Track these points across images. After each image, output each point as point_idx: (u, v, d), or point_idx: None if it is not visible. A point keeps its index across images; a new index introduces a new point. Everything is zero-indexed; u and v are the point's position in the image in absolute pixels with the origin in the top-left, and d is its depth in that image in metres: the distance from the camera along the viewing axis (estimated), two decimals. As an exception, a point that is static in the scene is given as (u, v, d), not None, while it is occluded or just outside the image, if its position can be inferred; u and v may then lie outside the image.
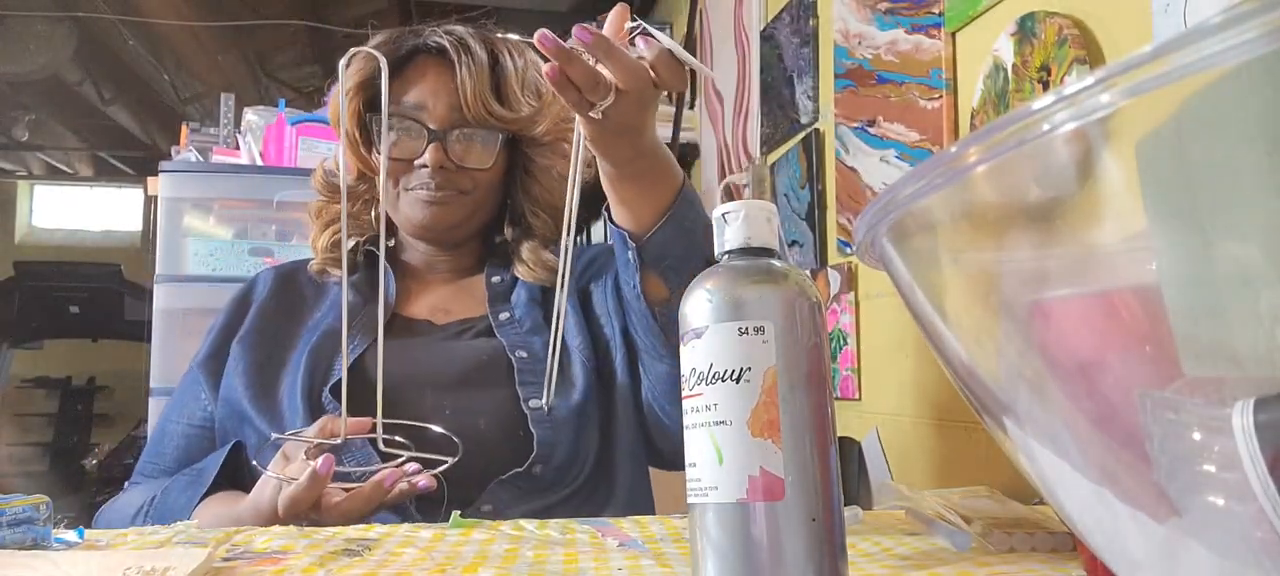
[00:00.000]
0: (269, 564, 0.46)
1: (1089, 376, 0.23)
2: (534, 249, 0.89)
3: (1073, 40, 0.82)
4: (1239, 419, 0.19)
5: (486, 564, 0.47)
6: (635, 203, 0.71)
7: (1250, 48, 0.16)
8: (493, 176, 0.86)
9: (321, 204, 0.92)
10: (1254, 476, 0.19)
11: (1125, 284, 0.22)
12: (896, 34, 1.19)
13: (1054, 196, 0.22)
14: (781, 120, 1.60)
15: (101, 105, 4.35)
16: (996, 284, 0.26)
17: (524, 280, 0.88)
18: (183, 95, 4.14)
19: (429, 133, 0.81)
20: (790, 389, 0.36)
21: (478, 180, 0.85)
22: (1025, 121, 0.20)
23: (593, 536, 0.56)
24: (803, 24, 1.51)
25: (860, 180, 1.28)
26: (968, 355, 0.27)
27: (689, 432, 0.38)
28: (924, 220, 0.26)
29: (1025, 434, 0.26)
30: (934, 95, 1.09)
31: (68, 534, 0.52)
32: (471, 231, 0.90)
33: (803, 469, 0.36)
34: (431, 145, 0.81)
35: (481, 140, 0.84)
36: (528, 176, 0.90)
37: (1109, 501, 0.23)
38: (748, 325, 0.37)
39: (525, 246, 0.89)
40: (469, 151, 0.84)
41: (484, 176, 0.85)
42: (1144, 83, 0.17)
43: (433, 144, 0.81)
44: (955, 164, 0.23)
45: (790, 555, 0.35)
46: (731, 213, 0.39)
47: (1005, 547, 0.50)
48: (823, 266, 1.41)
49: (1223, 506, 0.20)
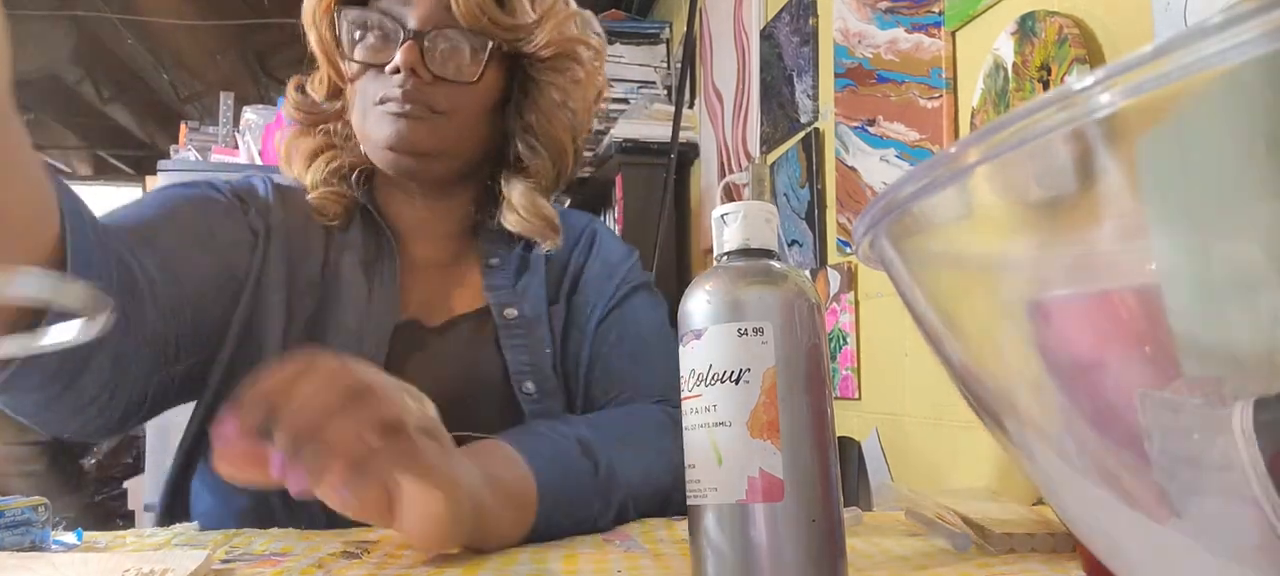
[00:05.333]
0: (268, 565, 0.46)
1: (1089, 376, 0.23)
2: (528, 194, 0.76)
3: (1073, 39, 0.82)
4: (1239, 419, 0.19)
5: (486, 564, 0.47)
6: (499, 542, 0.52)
7: (1250, 47, 0.16)
8: (478, 99, 0.72)
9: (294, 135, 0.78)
10: (1254, 477, 0.19)
11: (1125, 284, 0.22)
12: (896, 33, 1.19)
13: (1054, 196, 0.22)
14: (781, 119, 1.60)
15: (100, 104, 4.35)
16: (996, 284, 0.26)
17: (512, 231, 0.76)
18: (182, 94, 4.15)
19: (405, 32, 0.68)
20: (789, 390, 0.36)
21: (458, 101, 0.70)
22: (1025, 121, 0.20)
23: (593, 537, 0.56)
24: (802, 23, 1.51)
25: (860, 179, 1.28)
26: (967, 355, 0.27)
27: (688, 434, 0.38)
28: (924, 220, 0.26)
29: (1025, 434, 0.26)
30: (934, 94, 1.09)
31: (66, 535, 0.52)
32: (452, 169, 0.75)
33: (802, 470, 0.36)
34: (405, 44, 0.67)
35: (467, 48, 0.70)
36: (525, 99, 0.75)
37: (1109, 502, 0.23)
38: (747, 326, 0.37)
39: (517, 189, 0.76)
40: (450, 60, 0.69)
41: (466, 97, 0.70)
42: (1144, 82, 0.17)
43: (407, 43, 0.67)
44: (955, 164, 0.23)
45: (790, 556, 0.35)
46: (731, 214, 0.39)
47: (1005, 548, 0.50)
48: (822, 266, 1.41)
49: (1222, 507, 0.20)
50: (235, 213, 0.71)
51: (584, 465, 0.57)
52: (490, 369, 0.72)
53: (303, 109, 0.78)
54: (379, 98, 0.69)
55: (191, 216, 0.68)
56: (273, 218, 0.73)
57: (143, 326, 0.59)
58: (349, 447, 0.41)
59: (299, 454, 0.40)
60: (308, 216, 0.74)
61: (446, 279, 0.77)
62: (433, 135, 0.70)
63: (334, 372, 0.42)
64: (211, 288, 0.66)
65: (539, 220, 0.75)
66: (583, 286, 0.79)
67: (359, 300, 0.71)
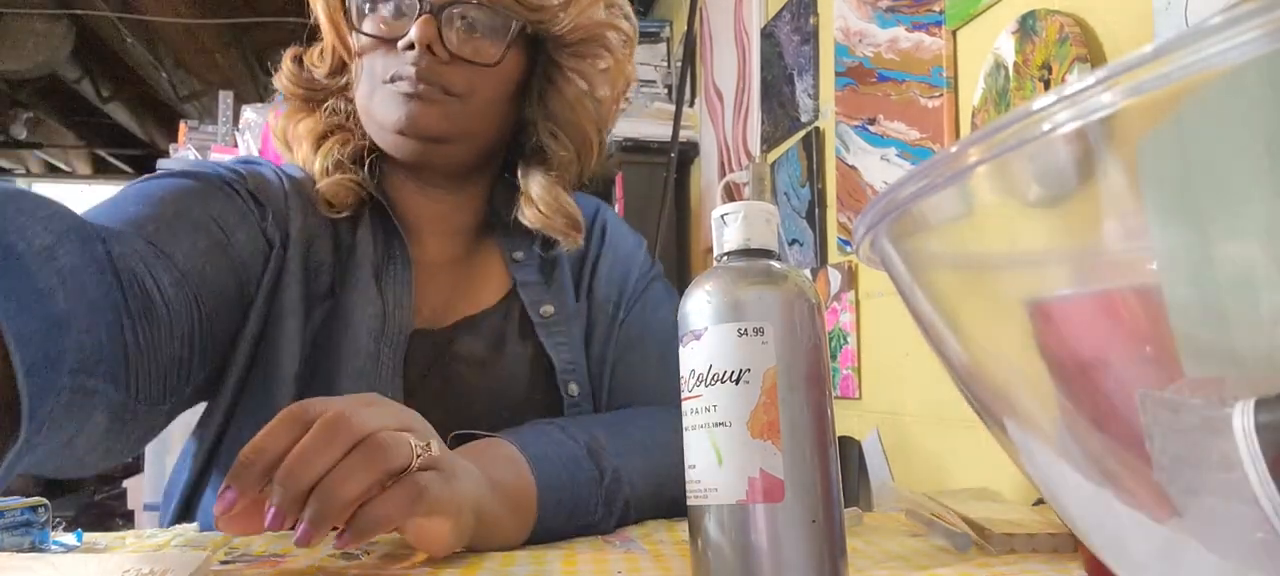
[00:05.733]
0: (268, 565, 0.46)
1: (1089, 376, 0.23)
2: (550, 189, 0.71)
3: (1074, 38, 0.82)
4: (1239, 419, 0.19)
5: (486, 564, 0.47)
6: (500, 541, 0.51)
7: (1251, 48, 0.16)
8: (497, 83, 0.67)
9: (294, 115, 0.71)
10: (1254, 477, 0.19)
11: (1126, 284, 0.22)
12: (897, 32, 1.18)
13: (1054, 196, 0.22)
14: (782, 118, 1.60)
15: (100, 103, 4.35)
16: (996, 284, 0.26)
17: (531, 226, 0.71)
18: (181, 93, 4.15)
19: (422, 6, 0.63)
20: (790, 390, 0.36)
21: (475, 83, 0.65)
22: (1026, 121, 0.20)
23: (593, 537, 0.55)
24: (803, 22, 1.51)
25: (861, 178, 1.28)
26: (968, 355, 0.27)
27: (689, 434, 0.38)
28: (924, 220, 0.26)
29: (1025, 434, 0.26)
30: (935, 93, 1.09)
31: (66, 536, 0.52)
32: (465, 156, 0.70)
33: (803, 470, 0.36)
34: (421, 18, 0.62)
35: (489, 28, 0.65)
36: (548, 86, 0.70)
37: (1109, 502, 0.23)
38: (747, 326, 0.37)
39: (537, 181, 0.71)
40: (469, 38, 0.64)
41: (484, 80, 0.65)
42: (1145, 82, 0.17)
43: (423, 17, 0.62)
44: (955, 164, 0.23)
45: (790, 557, 0.35)
46: (731, 214, 0.39)
47: (1005, 548, 0.50)
48: (823, 265, 1.41)
49: (1223, 507, 0.20)
50: (251, 219, 0.65)
51: (589, 471, 0.56)
52: (519, 370, 0.69)
53: (301, 84, 0.71)
54: (389, 75, 0.64)
55: (208, 221, 0.61)
56: (291, 225, 0.67)
57: (158, 353, 0.53)
58: (350, 504, 0.40)
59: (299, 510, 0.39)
60: (319, 218, 0.69)
61: (460, 276, 0.73)
62: (446, 119, 0.65)
63: (334, 426, 0.41)
64: (224, 305, 0.61)
65: (561, 217, 0.70)
66: (597, 280, 0.76)
67: (373, 314, 0.66)
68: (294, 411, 0.42)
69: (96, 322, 0.46)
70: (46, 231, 0.45)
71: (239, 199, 0.65)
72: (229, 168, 0.68)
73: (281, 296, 0.65)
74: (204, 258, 0.59)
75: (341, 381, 0.63)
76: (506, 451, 0.53)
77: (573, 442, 0.57)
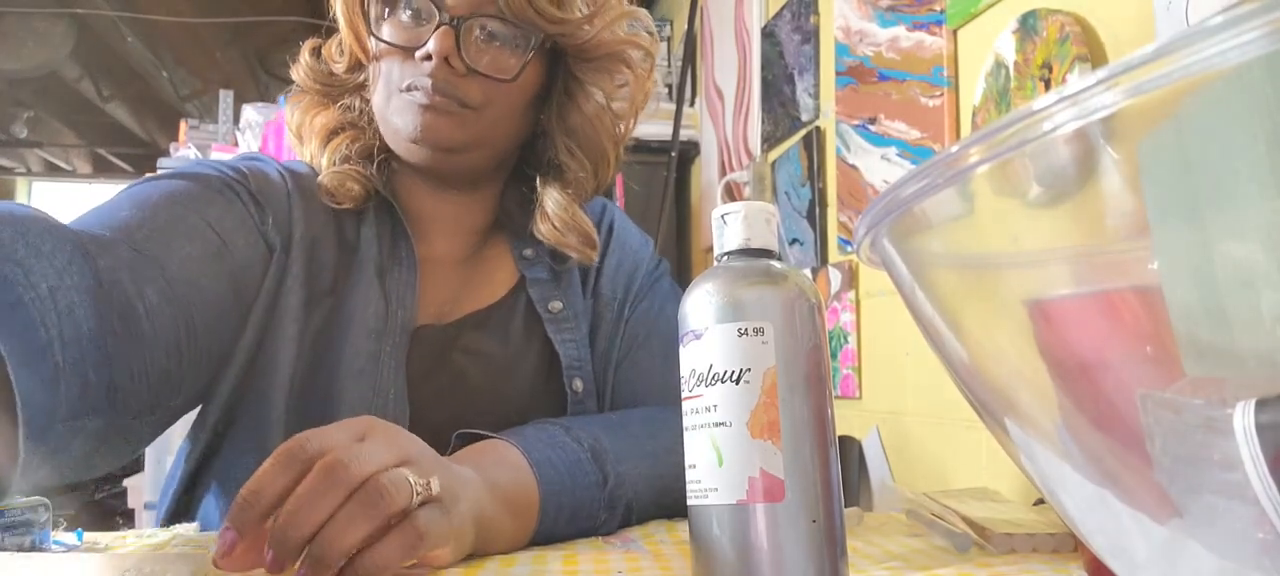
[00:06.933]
0: (268, 563, 0.46)
1: (1090, 377, 0.23)
2: (566, 206, 0.70)
3: (1074, 38, 0.82)
4: (1240, 419, 0.19)
5: (486, 564, 0.47)
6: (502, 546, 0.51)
7: (1251, 48, 0.16)
8: (515, 96, 0.66)
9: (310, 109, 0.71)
10: (1255, 477, 0.19)
11: (1126, 284, 0.22)
12: (898, 31, 1.18)
13: (1055, 196, 0.22)
14: (782, 117, 1.60)
15: (100, 102, 4.35)
16: (997, 284, 0.26)
17: (544, 241, 0.71)
18: (181, 92, 4.15)
19: (441, 16, 0.62)
20: (790, 390, 0.36)
21: (492, 96, 0.64)
22: (1027, 121, 0.20)
23: (593, 537, 0.56)
24: (804, 21, 1.51)
25: (861, 178, 1.28)
26: (968, 355, 0.27)
27: (689, 434, 0.38)
28: (925, 220, 0.26)
29: (1026, 434, 0.26)
30: (935, 93, 1.09)
31: (66, 536, 0.52)
32: (479, 164, 0.69)
33: (803, 470, 0.36)
34: (439, 30, 0.61)
35: (509, 41, 0.64)
36: (568, 100, 0.69)
37: (1110, 502, 0.23)
38: (747, 326, 0.37)
39: (552, 197, 0.70)
40: (487, 51, 0.64)
41: (501, 93, 0.65)
42: (1146, 82, 0.17)
43: (441, 29, 0.61)
44: (956, 164, 0.23)
45: (790, 557, 0.35)
46: (731, 213, 0.39)
47: (1005, 548, 0.50)
48: (823, 264, 1.41)
49: (1224, 507, 0.20)
50: (250, 223, 0.64)
51: (592, 476, 0.55)
52: (525, 365, 0.69)
53: (318, 78, 0.71)
54: (405, 84, 0.64)
55: (203, 227, 0.60)
56: (294, 227, 0.66)
57: (145, 369, 0.52)
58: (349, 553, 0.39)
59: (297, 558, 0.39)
60: (323, 216, 0.68)
61: (468, 272, 0.73)
62: (461, 130, 0.64)
63: (332, 472, 0.39)
64: (218, 313, 0.59)
65: (575, 234, 0.70)
66: (603, 277, 0.76)
67: (375, 312, 0.65)
68: (291, 448, 0.41)
69: (85, 360, 0.47)
70: (51, 268, 0.46)
71: (239, 202, 0.64)
72: (231, 167, 0.67)
73: (283, 300, 0.64)
74: (197, 265, 0.58)
75: (341, 381, 0.63)
76: (510, 455, 0.53)
77: (576, 445, 0.57)
